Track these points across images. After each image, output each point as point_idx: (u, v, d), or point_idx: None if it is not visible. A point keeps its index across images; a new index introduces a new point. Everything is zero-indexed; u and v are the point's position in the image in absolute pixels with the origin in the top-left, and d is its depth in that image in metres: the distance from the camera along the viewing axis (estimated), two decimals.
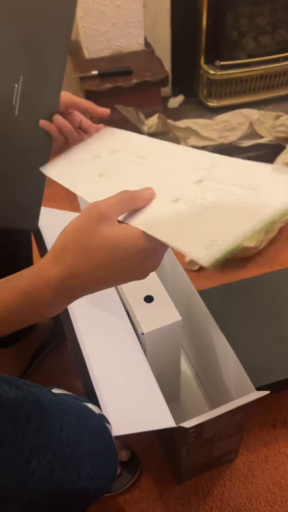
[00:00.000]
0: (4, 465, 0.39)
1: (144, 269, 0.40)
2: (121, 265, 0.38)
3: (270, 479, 0.83)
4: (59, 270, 0.38)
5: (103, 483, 0.51)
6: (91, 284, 0.39)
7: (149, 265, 0.40)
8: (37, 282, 0.39)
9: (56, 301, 0.39)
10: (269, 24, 1.42)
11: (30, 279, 0.39)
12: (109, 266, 0.38)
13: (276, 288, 0.95)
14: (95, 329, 0.63)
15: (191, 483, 0.83)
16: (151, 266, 0.40)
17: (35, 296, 0.39)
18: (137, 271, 0.40)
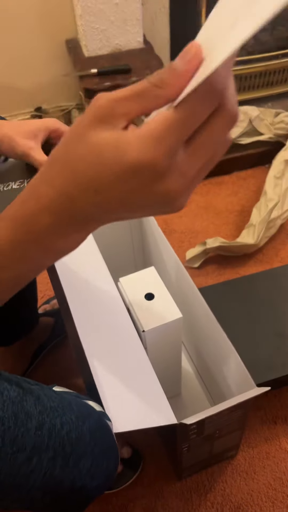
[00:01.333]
0: (5, 463, 0.39)
1: (159, 197, 0.29)
2: (116, 187, 0.29)
3: (271, 475, 0.83)
4: (49, 189, 0.31)
5: (104, 480, 0.51)
6: (93, 209, 0.31)
7: (162, 190, 0.28)
8: (29, 203, 0.32)
9: (61, 229, 0.32)
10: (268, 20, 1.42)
11: (22, 201, 0.33)
12: (100, 187, 0.29)
13: (276, 284, 0.95)
14: (96, 326, 0.63)
15: (192, 479, 0.83)
16: (167, 190, 0.29)
17: (31, 220, 0.32)
18: (149, 198, 0.29)
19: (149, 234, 0.90)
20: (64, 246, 0.34)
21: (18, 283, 0.38)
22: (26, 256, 0.34)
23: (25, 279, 0.37)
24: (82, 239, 0.34)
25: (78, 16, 1.29)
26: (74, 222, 0.32)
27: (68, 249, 0.35)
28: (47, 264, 0.36)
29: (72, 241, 0.34)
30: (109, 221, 0.33)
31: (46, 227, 0.32)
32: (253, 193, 1.39)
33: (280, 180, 1.26)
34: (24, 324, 0.91)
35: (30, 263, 0.35)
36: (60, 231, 0.32)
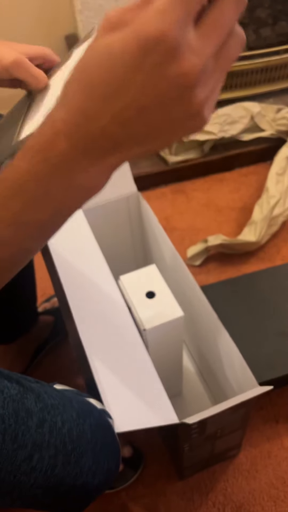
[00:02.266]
0: (6, 460, 0.39)
1: (176, 84, 0.27)
2: (129, 82, 0.27)
3: (273, 474, 0.83)
4: (64, 111, 0.30)
5: (105, 478, 0.51)
6: (112, 126, 0.29)
7: (178, 71, 0.26)
8: (44, 130, 0.31)
9: (78, 157, 0.30)
10: (270, 16, 1.41)
11: (38, 131, 0.31)
12: (113, 90, 0.27)
13: (278, 282, 0.94)
14: (97, 325, 0.62)
15: (194, 478, 0.83)
16: (182, 71, 0.26)
17: (46, 146, 0.30)
18: (166, 90, 0.27)
19: (150, 231, 0.89)
20: (85, 181, 0.32)
21: (44, 231, 0.35)
22: (49, 193, 0.32)
23: (50, 226, 0.35)
24: (103, 176, 0.32)
25: (78, 11, 1.28)
26: (92, 148, 0.30)
27: (91, 187, 0.33)
28: (71, 206, 0.34)
29: (93, 177, 0.32)
30: (129, 149, 0.30)
31: (62, 153, 0.30)
32: (255, 190, 1.38)
33: (282, 176, 1.25)
34: (23, 322, 0.91)
35: (54, 202, 0.33)
36: (78, 160, 0.30)
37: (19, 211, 0.33)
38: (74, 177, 0.31)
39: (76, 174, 0.31)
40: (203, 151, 1.40)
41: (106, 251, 0.74)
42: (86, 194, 0.33)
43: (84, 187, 0.32)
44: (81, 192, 0.33)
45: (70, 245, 0.74)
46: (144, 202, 0.85)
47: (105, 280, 0.68)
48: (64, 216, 0.35)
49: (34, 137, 0.31)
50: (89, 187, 0.33)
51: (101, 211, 0.85)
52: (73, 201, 0.34)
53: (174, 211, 1.33)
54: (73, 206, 0.34)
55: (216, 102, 0.30)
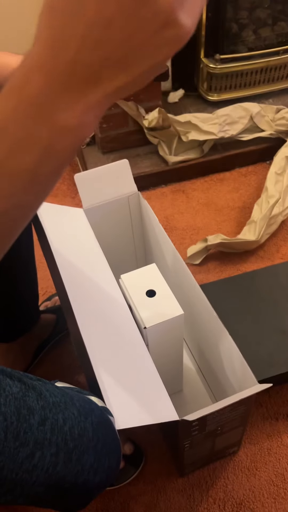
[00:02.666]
0: (8, 458, 0.40)
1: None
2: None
3: (273, 471, 0.83)
4: (37, 45, 0.28)
5: (107, 476, 0.51)
6: (84, 50, 0.26)
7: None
8: (19, 69, 0.28)
9: (56, 93, 0.28)
10: (269, 16, 1.41)
11: (14, 72, 0.29)
12: (77, 3, 0.25)
13: (278, 281, 0.95)
14: (98, 323, 0.63)
15: (194, 475, 0.83)
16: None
17: (21, 85, 0.28)
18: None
19: (150, 231, 0.90)
20: (70, 121, 0.29)
21: (36, 180, 0.32)
22: (31, 134, 0.29)
23: (42, 175, 0.32)
24: (89, 114, 0.29)
25: None
26: (69, 80, 0.28)
27: (77, 127, 0.30)
28: (60, 151, 0.30)
29: (78, 115, 0.29)
30: (110, 78, 0.28)
31: (39, 90, 0.28)
32: (254, 189, 1.38)
33: (281, 176, 1.26)
34: (25, 321, 0.91)
35: (38, 145, 0.30)
36: (57, 96, 0.28)
37: (5, 157, 0.30)
38: (56, 116, 0.29)
39: (58, 113, 0.29)
40: (203, 151, 1.41)
41: (106, 250, 0.74)
42: (73, 136, 0.30)
43: (70, 128, 0.29)
44: (68, 134, 0.30)
45: (71, 244, 0.74)
46: (145, 202, 0.86)
47: (106, 279, 0.68)
48: (53, 163, 0.31)
49: (10, 79, 0.29)
50: (75, 128, 0.30)
51: (102, 210, 0.85)
52: (61, 144, 0.30)
53: (174, 211, 1.33)
54: (62, 151, 0.31)
55: (200, 6, 0.27)
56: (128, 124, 1.40)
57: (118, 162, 0.82)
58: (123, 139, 1.43)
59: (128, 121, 1.40)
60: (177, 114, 1.40)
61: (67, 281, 0.67)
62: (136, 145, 1.46)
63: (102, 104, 0.29)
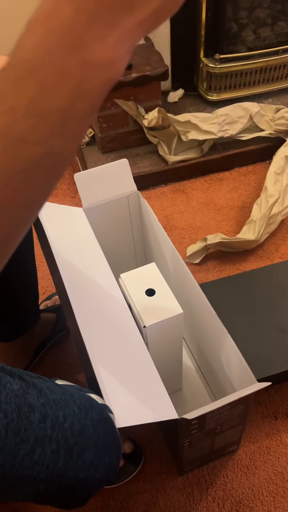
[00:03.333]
0: (9, 454, 0.40)
1: None
2: None
3: (272, 470, 0.84)
4: None
5: (107, 472, 0.51)
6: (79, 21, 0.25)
7: None
8: (44, 4, 0.27)
9: (88, 21, 0.26)
10: (269, 16, 1.42)
11: (40, 5, 0.27)
12: None
13: (277, 280, 0.95)
14: (98, 322, 0.63)
15: (194, 474, 0.84)
16: None
17: (49, 18, 0.26)
18: None
19: (150, 230, 0.90)
20: (102, 53, 0.27)
21: (67, 126, 0.29)
22: (62, 69, 0.27)
23: (72, 119, 0.29)
24: (122, 46, 0.28)
25: None
26: (100, 7, 0.26)
27: (109, 61, 0.28)
28: (91, 89, 0.28)
29: (110, 47, 0.27)
30: (142, 4, 0.26)
31: (70, 19, 0.26)
32: (254, 189, 1.39)
33: (281, 176, 1.26)
34: (25, 320, 0.91)
35: (71, 81, 0.27)
36: (87, 26, 0.26)
37: (35, 96, 0.27)
38: (88, 47, 0.27)
39: (90, 43, 0.27)
40: (202, 151, 1.41)
41: (106, 250, 0.75)
42: (106, 70, 0.28)
43: (102, 61, 0.27)
44: (100, 67, 0.28)
45: (71, 243, 0.74)
46: (144, 201, 0.86)
47: (106, 278, 0.69)
48: (86, 102, 0.29)
49: (36, 11, 0.27)
50: (108, 61, 0.28)
51: (102, 210, 0.86)
52: (93, 80, 0.28)
53: (174, 210, 1.33)
54: (94, 88, 0.28)
55: None
56: (128, 124, 1.41)
57: (118, 162, 0.82)
58: (123, 138, 1.44)
59: (128, 121, 1.40)
60: (177, 113, 1.40)
61: (66, 280, 0.67)
62: (136, 144, 1.46)
63: (135, 35, 0.28)
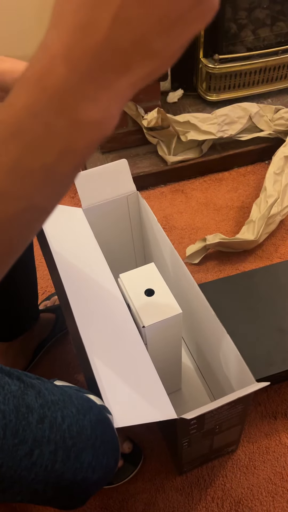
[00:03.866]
0: (7, 455, 0.40)
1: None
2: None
3: (271, 470, 0.84)
4: (59, 30, 0.25)
5: (105, 473, 0.51)
6: (114, 31, 0.24)
7: None
8: (38, 57, 0.26)
9: (81, 82, 0.25)
10: (268, 16, 1.42)
11: (32, 61, 0.26)
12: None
13: (276, 280, 0.95)
14: (97, 322, 0.63)
15: (193, 474, 0.84)
16: None
17: (42, 77, 0.25)
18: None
19: (149, 230, 0.90)
20: (93, 113, 0.26)
21: (52, 181, 0.29)
22: (51, 130, 0.26)
23: (59, 175, 0.29)
24: (114, 105, 0.27)
25: None
26: (95, 67, 0.25)
27: (100, 120, 0.27)
28: (80, 148, 0.28)
29: (102, 107, 0.27)
30: (139, 64, 0.26)
31: (62, 79, 0.25)
32: (253, 189, 1.39)
33: (280, 176, 1.26)
34: (25, 320, 0.91)
35: (59, 142, 0.27)
36: (81, 85, 0.26)
37: (20, 155, 0.27)
38: (80, 109, 0.26)
39: (82, 104, 0.26)
40: (201, 151, 1.41)
41: (105, 250, 0.75)
42: (95, 131, 0.28)
43: (93, 122, 0.27)
44: (90, 128, 0.27)
45: (70, 243, 0.74)
46: (144, 202, 0.86)
47: (105, 278, 0.69)
48: (72, 161, 0.29)
49: (28, 68, 0.26)
50: (98, 121, 0.27)
51: (101, 210, 0.86)
52: (82, 140, 0.28)
53: (173, 210, 1.34)
54: (82, 148, 0.28)
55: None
56: (127, 124, 1.41)
57: (117, 162, 0.82)
58: (122, 139, 1.44)
59: (127, 121, 1.40)
60: (176, 114, 1.41)
61: (66, 280, 0.67)
62: (135, 145, 1.46)
63: (127, 94, 0.27)
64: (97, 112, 0.27)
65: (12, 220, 0.29)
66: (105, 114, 0.27)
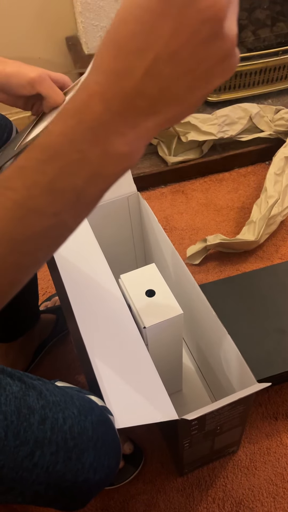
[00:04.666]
0: (8, 457, 0.40)
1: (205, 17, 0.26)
2: (159, 25, 0.27)
3: (272, 471, 0.84)
4: (97, 74, 0.29)
5: (106, 474, 0.51)
6: (146, 80, 0.28)
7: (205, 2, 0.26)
8: (78, 95, 0.30)
9: (114, 119, 0.30)
10: (268, 17, 1.42)
11: (72, 97, 0.31)
12: (146, 36, 0.27)
13: (277, 281, 0.95)
14: (98, 323, 0.63)
15: (194, 475, 0.84)
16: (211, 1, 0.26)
17: (81, 110, 0.30)
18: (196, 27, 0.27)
19: (150, 231, 0.90)
20: (122, 147, 0.31)
21: (80, 201, 0.33)
22: (84, 157, 0.31)
23: (86, 196, 0.33)
24: (140, 141, 0.31)
25: (78, 13, 1.29)
26: (127, 108, 0.30)
27: (127, 153, 0.31)
28: (108, 175, 0.32)
29: (130, 142, 0.31)
30: (165, 108, 0.30)
31: (98, 115, 0.30)
32: (254, 190, 1.39)
33: (280, 177, 1.26)
34: (26, 321, 0.91)
35: (89, 167, 0.31)
36: (114, 122, 0.30)
37: (56, 176, 0.31)
38: (110, 141, 0.30)
39: (113, 138, 0.30)
40: (202, 152, 1.41)
41: (106, 251, 0.75)
42: (122, 162, 0.32)
43: (121, 154, 0.31)
44: (118, 159, 0.31)
45: (71, 244, 0.74)
46: (144, 202, 0.86)
47: (106, 279, 0.69)
48: (100, 186, 0.33)
49: (69, 102, 0.31)
50: (125, 154, 0.31)
51: (102, 211, 0.86)
52: (110, 169, 0.32)
53: (174, 211, 1.34)
54: (109, 175, 0.32)
55: None
56: None
57: None
58: None
59: None
60: None
61: (66, 281, 0.67)
62: None
63: (152, 133, 0.31)
64: (125, 146, 0.31)
65: (43, 233, 0.33)
66: (132, 148, 0.31)
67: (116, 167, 0.32)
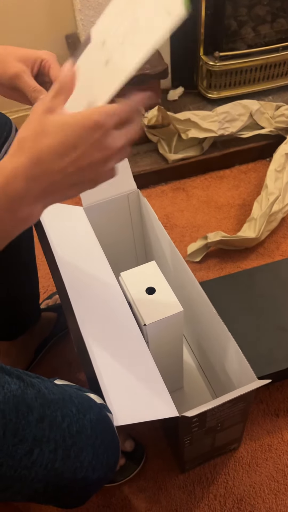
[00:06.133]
0: (7, 455, 0.40)
1: (104, 154, 0.40)
2: (79, 145, 0.39)
3: (274, 468, 0.84)
4: (22, 158, 0.39)
5: (105, 472, 0.51)
6: (56, 174, 0.39)
7: (107, 145, 0.40)
8: (4, 174, 0.39)
9: (31, 195, 0.39)
10: (268, 13, 1.41)
11: (2, 167, 0.39)
12: (68, 148, 0.39)
13: (277, 278, 0.95)
14: (98, 320, 0.63)
15: (195, 472, 0.84)
16: (109, 146, 0.40)
17: (6, 184, 0.39)
18: (97, 156, 0.40)
19: (150, 228, 0.90)
20: (28, 215, 0.41)
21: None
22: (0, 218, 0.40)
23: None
24: (42, 210, 0.42)
25: (77, 10, 1.29)
26: (42, 191, 0.40)
27: (30, 219, 0.41)
28: (10, 233, 0.42)
29: (36, 211, 0.41)
30: (64, 194, 0.42)
31: (19, 191, 0.39)
32: (254, 186, 1.39)
33: (281, 173, 1.26)
34: (26, 319, 0.92)
35: (1, 225, 0.40)
36: (30, 198, 0.39)
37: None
38: (21, 210, 0.40)
39: (24, 208, 0.40)
40: (202, 149, 1.41)
41: (106, 248, 0.75)
42: (24, 224, 0.41)
43: (25, 219, 0.41)
44: (22, 222, 0.41)
45: (71, 242, 0.74)
46: (144, 200, 0.86)
47: (106, 277, 0.69)
48: (4, 236, 0.42)
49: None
50: (28, 219, 0.41)
51: (102, 208, 0.86)
52: (13, 230, 0.42)
53: (174, 209, 1.33)
54: (10, 233, 0.42)
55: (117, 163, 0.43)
56: None
57: None
58: None
59: None
60: (177, 112, 1.40)
61: (67, 279, 0.67)
62: (135, 143, 1.46)
63: (49, 205, 0.42)
64: (31, 214, 0.41)
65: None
66: (35, 216, 0.42)
67: (18, 228, 0.42)
